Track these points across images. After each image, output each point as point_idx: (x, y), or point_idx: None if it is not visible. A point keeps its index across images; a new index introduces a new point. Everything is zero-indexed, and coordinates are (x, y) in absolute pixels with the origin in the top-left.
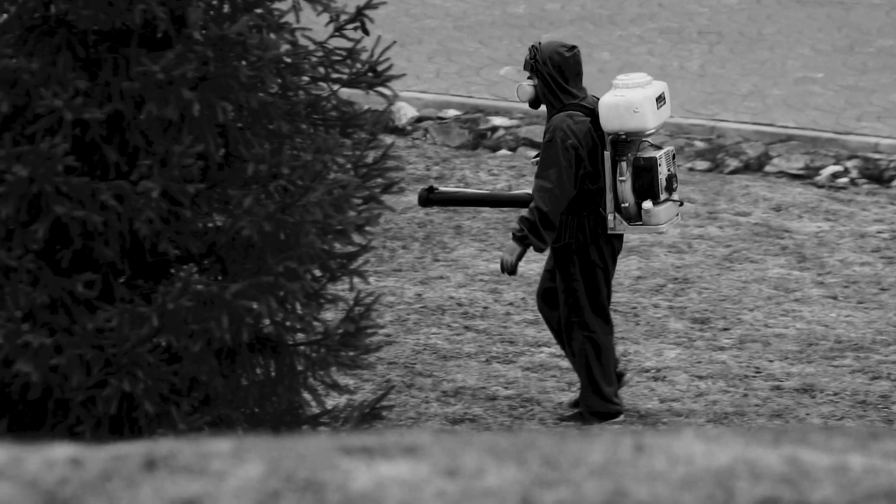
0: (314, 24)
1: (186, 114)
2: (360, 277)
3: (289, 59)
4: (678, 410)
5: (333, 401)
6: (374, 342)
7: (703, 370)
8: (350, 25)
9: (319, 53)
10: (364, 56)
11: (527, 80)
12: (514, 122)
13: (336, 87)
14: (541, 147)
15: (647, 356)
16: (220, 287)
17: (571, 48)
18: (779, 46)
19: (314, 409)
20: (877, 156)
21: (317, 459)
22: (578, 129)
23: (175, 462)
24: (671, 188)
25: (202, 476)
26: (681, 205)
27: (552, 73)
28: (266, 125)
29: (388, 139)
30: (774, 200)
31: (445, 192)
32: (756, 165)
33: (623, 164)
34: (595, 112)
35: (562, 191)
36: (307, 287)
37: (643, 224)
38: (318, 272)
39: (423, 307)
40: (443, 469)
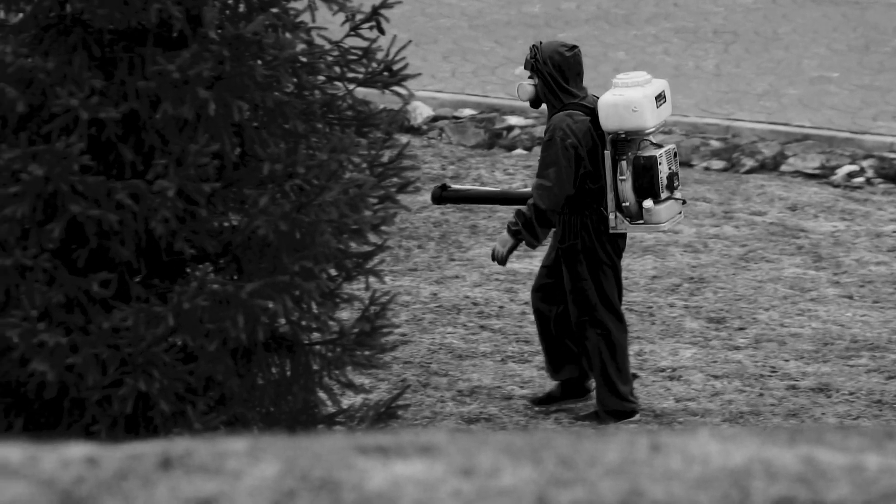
0: (330, 24)
1: (202, 113)
2: (376, 277)
3: (304, 59)
4: (694, 410)
5: (349, 400)
6: (390, 341)
7: (719, 370)
8: (365, 25)
9: (335, 53)
10: (380, 55)
11: (527, 80)
12: (530, 122)
13: (352, 87)
14: (541, 146)
15: (663, 356)
16: (236, 286)
17: (572, 48)
18: (794, 46)
19: (330, 409)
20: (892, 155)
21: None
22: (578, 129)
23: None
24: (672, 186)
25: (218, 475)
26: (683, 203)
27: (552, 73)
28: (282, 124)
29: (404, 138)
30: (790, 200)
31: (458, 190)
32: (772, 165)
33: (623, 164)
34: (595, 111)
35: (560, 189)
36: (323, 286)
37: (644, 223)
38: (334, 271)
39: (439, 306)
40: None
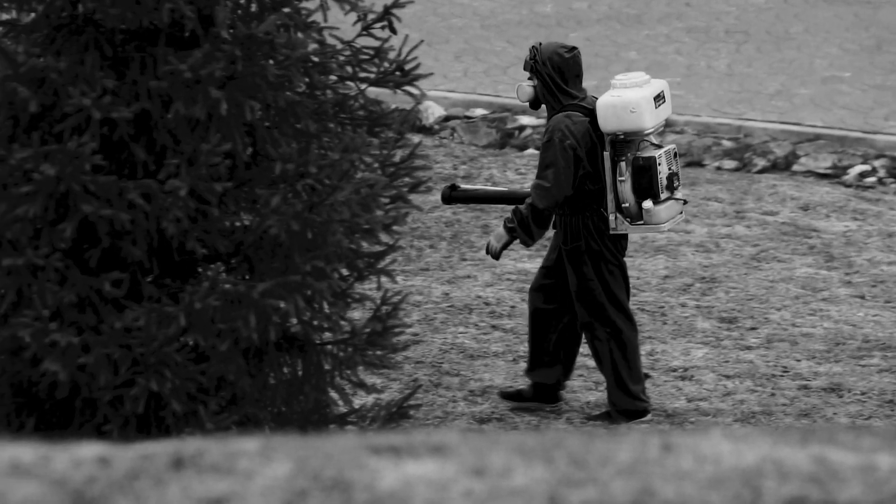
0: (342, 23)
1: (214, 113)
2: (388, 276)
3: (316, 58)
4: (705, 410)
5: (361, 400)
6: (402, 341)
7: (731, 369)
8: (377, 24)
9: (347, 52)
10: (391, 55)
11: (527, 81)
12: (542, 122)
13: (363, 86)
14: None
15: (675, 355)
16: (248, 286)
17: (571, 49)
18: (806, 45)
19: (341, 409)
20: None
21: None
22: (577, 130)
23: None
24: (672, 187)
25: (229, 475)
26: (685, 203)
27: (552, 74)
28: (293, 124)
29: (416, 138)
30: (802, 200)
31: (467, 190)
32: (783, 165)
33: (622, 164)
34: (594, 112)
35: (558, 190)
36: (334, 286)
37: (645, 224)
38: (346, 271)
39: (451, 306)
40: (470, 468)
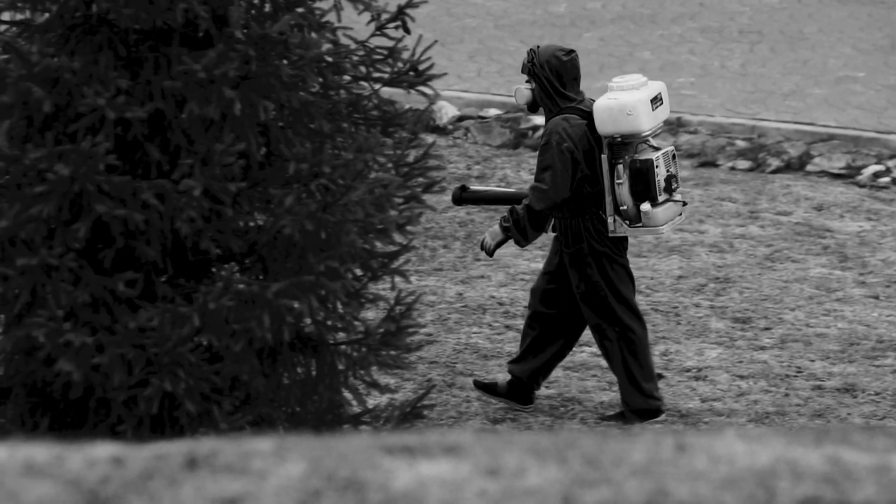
0: (355, 23)
1: (228, 113)
2: (401, 276)
3: (330, 58)
4: (719, 410)
5: (374, 400)
6: (415, 341)
7: (745, 370)
8: (391, 24)
9: (361, 52)
10: (405, 55)
11: (524, 84)
12: None
13: (377, 86)
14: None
15: (689, 356)
16: (262, 286)
17: (569, 52)
18: (820, 45)
19: (355, 409)
20: None
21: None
22: (574, 132)
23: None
24: (671, 189)
25: (243, 475)
26: (684, 204)
27: (549, 77)
28: (307, 124)
29: (430, 138)
30: (816, 200)
31: (476, 191)
32: (797, 165)
33: (620, 167)
34: (592, 115)
35: (555, 193)
36: (348, 286)
37: (643, 226)
38: (360, 271)
39: (464, 306)
40: (484, 468)
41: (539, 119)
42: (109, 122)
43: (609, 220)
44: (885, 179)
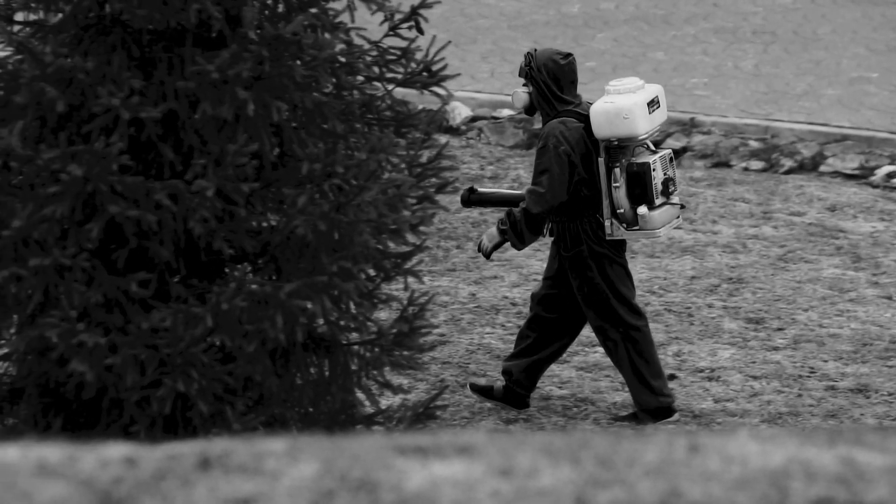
0: (369, 24)
1: (241, 113)
2: (415, 277)
3: (343, 59)
4: (732, 410)
5: (387, 400)
6: (428, 342)
7: (758, 370)
8: (404, 25)
9: (374, 53)
10: (418, 56)
11: (522, 87)
12: None
13: (390, 87)
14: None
15: (702, 356)
16: (275, 287)
17: (567, 56)
18: (833, 46)
19: (368, 409)
20: None
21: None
22: (571, 136)
23: (229, 461)
24: (668, 192)
25: (256, 475)
26: (682, 207)
27: (546, 81)
28: (320, 124)
29: (443, 139)
30: (829, 200)
31: (484, 193)
32: (811, 165)
33: (617, 171)
34: (589, 118)
35: (553, 196)
36: (361, 286)
37: (640, 229)
38: (373, 272)
39: (477, 307)
40: (497, 469)
41: None
42: (123, 123)
43: (606, 224)
44: None
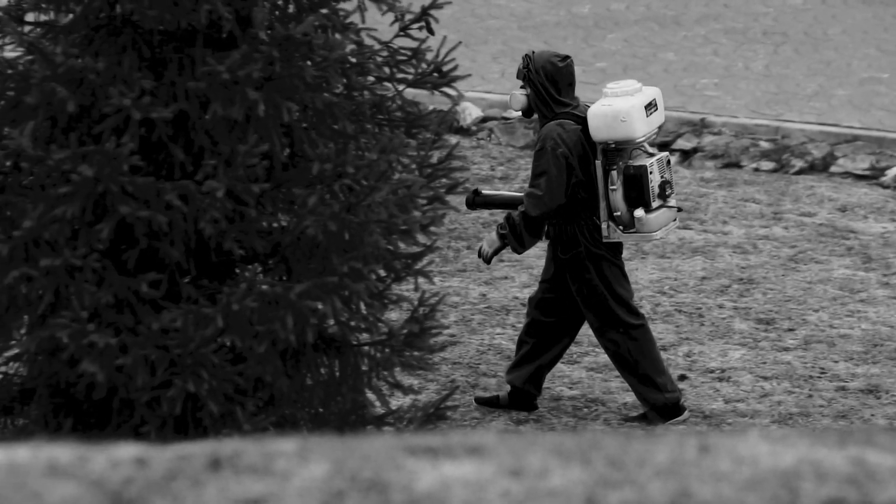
0: (379, 24)
1: (252, 114)
2: (425, 277)
3: (354, 59)
4: (743, 411)
5: (398, 401)
6: (439, 342)
7: (768, 371)
8: (415, 25)
9: (384, 53)
10: (429, 56)
11: (519, 90)
12: None
13: (401, 88)
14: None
15: (712, 357)
16: (285, 287)
17: (564, 58)
18: (844, 47)
19: (379, 410)
20: None
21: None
22: (569, 138)
23: (240, 462)
24: (665, 195)
25: (267, 476)
26: (679, 210)
27: (544, 83)
28: (331, 125)
29: (453, 139)
30: (840, 201)
31: (488, 195)
32: (821, 166)
33: (614, 173)
34: (587, 121)
35: (551, 198)
36: (372, 287)
37: (637, 232)
38: (383, 272)
39: (488, 307)
40: (507, 469)
41: None
42: (134, 123)
43: (603, 226)
44: None
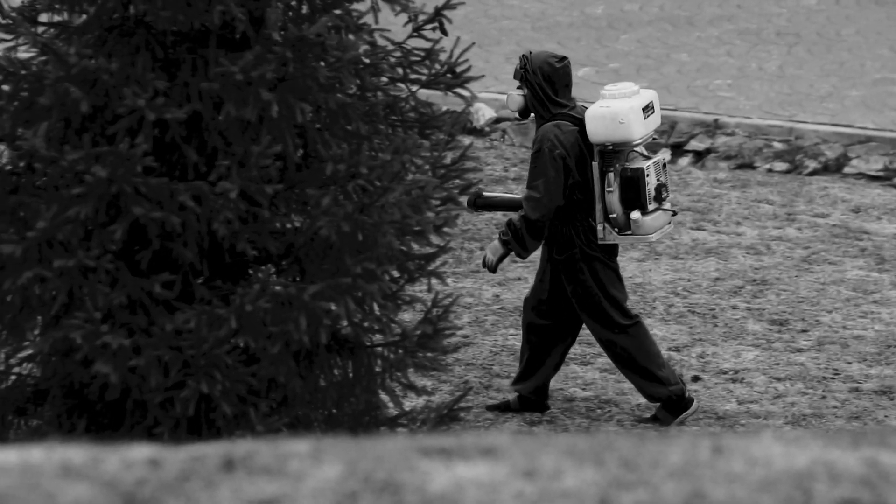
0: (392, 25)
1: (265, 114)
2: (438, 278)
3: (367, 60)
4: (756, 412)
5: (411, 402)
6: (452, 343)
7: (782, 372)
8: (428, 26)
9: (398, 54)
10: (442, 57)
11: (516, 90)
12: None
13: (414, 88)
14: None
15: (726, 358)
16: (298, 288)
17: (562, 59)
18: (857, 47)
19: (392, 411)
20: None
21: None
22: (566, 139)
23: (253, 463)
24: (661, 198)
25: (280, 477)
26: (674, 213)
27: (541, 84)
28: (344, 126)
29: (467, 140)
30: (853, 202)
31: (489, 198)
32: (835, 167)
33: (610, 175)
34: (584, 122)
35: (549, 200)
36: (385, 288)
37: (633, 234)
38: (396, 273)
39: (501, 308)
40: (521, 470)
41: None
42: (148, 124)
43: (598, 228)
44: None
